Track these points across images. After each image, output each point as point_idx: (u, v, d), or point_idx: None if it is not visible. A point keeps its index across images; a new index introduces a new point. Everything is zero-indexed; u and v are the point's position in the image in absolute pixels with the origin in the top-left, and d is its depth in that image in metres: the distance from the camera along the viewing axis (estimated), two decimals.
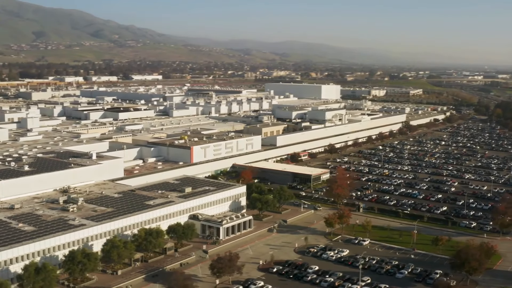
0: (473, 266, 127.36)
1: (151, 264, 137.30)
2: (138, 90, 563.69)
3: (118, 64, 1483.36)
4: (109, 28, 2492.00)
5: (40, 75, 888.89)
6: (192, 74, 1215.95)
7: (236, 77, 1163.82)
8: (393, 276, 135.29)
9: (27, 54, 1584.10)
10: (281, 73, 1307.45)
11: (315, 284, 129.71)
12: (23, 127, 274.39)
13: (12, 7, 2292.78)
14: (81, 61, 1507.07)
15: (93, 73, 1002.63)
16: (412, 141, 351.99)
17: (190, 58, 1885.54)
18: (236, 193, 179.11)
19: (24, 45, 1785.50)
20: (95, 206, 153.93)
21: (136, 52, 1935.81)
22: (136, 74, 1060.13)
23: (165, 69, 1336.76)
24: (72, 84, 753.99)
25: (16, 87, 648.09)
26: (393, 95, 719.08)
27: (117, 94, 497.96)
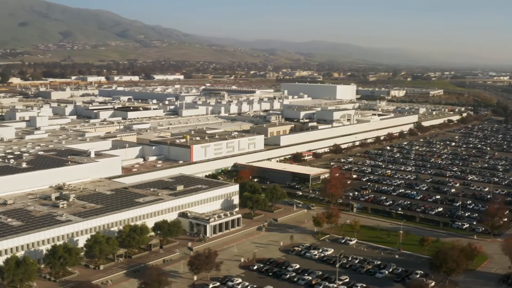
0: (451, 267, 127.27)
1: (135, 260, 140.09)
2: (155, 90, 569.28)
3: (142, 64, 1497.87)
4: (135, 28, 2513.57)
5: (63, 75, 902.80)
6: (214, 74, 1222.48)
7: (257, 77, 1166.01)
8: (373, 275, 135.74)
9: (54, 54, 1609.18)
10: (303, 73, 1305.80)
11: (293, 282, 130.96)
12: (32, 126, 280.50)
13: (40, 7, 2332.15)
14: (106, 61, 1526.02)
15: (116, 73, 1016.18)
16: (421, 141, 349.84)
17: (214, 58, 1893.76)
18: (228, 192, 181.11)
19: (51, 45, 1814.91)
20: (86, 202, 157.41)
21: (161, 52, 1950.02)
22: (158, 74, 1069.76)
23: (188, 69, 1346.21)
24: (92, 83, 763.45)
25: (36, 86, 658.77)
26: (412, 96, 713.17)
27: (133, 94, 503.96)
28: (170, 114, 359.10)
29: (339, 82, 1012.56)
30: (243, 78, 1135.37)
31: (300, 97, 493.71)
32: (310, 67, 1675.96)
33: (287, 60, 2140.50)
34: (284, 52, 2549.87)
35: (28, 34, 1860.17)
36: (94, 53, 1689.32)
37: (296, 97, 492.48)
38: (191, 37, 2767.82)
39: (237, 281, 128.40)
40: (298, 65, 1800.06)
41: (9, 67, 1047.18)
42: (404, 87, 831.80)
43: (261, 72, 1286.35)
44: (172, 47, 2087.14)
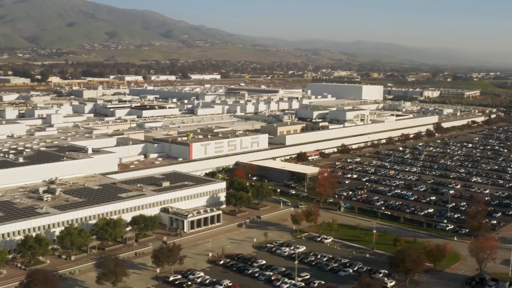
0: (408, 267, 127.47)
1: (107, 252, 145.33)
2: (184, 89, 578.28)
3: (184, 64, 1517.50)
4: (179, 28, 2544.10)
5: (102, 74, 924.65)
6: (252, 73, 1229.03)
7: (295, 77, 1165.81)
8: (336, 273, 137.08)
9: (98, 54, 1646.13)
10: (342, 73, 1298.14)
11: (254, 277, 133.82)
12: (47, 123, 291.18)
13: (87, 8, 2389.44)
14: (148, 60, 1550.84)
15: (153, 72, 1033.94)
16: (438, 143, 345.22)
17: (255, 58, 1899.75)
18: (214, 189, 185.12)
19: (97, 45, 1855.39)
20: (70, 196, 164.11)
21: (203, 52, 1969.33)
22: (195, 73, 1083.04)
23: (228, 68, 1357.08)
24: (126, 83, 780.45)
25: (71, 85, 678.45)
26: (446, 96, 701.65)
27: (161, 93, 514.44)
28: (187, 113, 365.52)
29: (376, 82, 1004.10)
30: (280, 78, 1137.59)
31: (324, 97, 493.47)
32: (351, 67, 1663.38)
33: (329, 60, 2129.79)
34: (328, 52, 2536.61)
35: (75, 34, 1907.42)
36: (137, 53, 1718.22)
37: (320, 97, 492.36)
38: (235, 37, 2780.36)
39: (199, 275, 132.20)
40: (339, 65, 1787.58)
41: (52, 66, 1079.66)
42: (441, 87, 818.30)
43: (299, 72, 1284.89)
44: (214, 47, 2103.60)
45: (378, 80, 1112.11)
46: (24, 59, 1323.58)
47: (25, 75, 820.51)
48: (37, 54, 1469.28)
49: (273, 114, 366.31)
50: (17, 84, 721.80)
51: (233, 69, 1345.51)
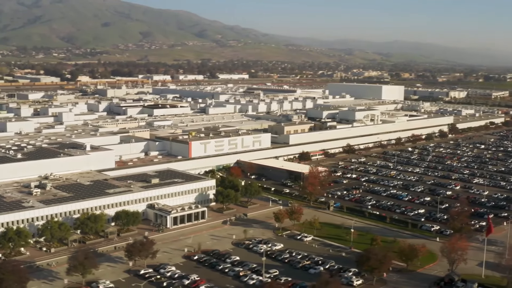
0: (373, 265, 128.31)
1: (88, 245, 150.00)
2: (205, 89, 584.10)
3: (215, 64, 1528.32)
4: (213, 28, 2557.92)
5: (131, 74, 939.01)
6: (282, 73, 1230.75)
7: (324, 77, 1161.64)
8: (306, 271, 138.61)
9: (131, 54, 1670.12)
10: (373, 73, 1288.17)
11: (224, 273, 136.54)
12: (58, 121, 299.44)
13: (123, 8, 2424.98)
14: (180, 60, 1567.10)
15: (182, 72, 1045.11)
16: (450, 143, 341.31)
17: (287, 58, 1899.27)
18: (203, 186, 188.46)
19: (131, 45, 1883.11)
20: (59, 191, 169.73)
21: (235, 52, 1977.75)
22: (224, 73, 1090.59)
23: (258, 68, 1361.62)
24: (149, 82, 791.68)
25: (95, 84, 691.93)
26: (472, 97, 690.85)
27: (182, 92, 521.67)
28: (198, 112, 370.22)
29: (406, 82, 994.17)
30: (308, 78, 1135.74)
31: (342, 97, 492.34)
32: (383, 68, 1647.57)
33: (362, 60, 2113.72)
34: (362, 52, 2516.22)
35: (110, 34, 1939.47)
36: (170, 53, 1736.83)
37: (338, 97, 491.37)
38: (269, 37, 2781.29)
39: (170, 269, 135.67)
40: (372, 65, 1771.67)
41: (85, 66, 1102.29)
42: (470, 88, 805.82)
43: (328, 72, 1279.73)
44: (247, 47, 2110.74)
45: (408, 80, 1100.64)
46: (59, 59, 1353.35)
47: (55, 74, 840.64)
48: (72, 54, 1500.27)
49: (284, 113, 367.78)
50: (46, 83, 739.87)
51: (263, 69, 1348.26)
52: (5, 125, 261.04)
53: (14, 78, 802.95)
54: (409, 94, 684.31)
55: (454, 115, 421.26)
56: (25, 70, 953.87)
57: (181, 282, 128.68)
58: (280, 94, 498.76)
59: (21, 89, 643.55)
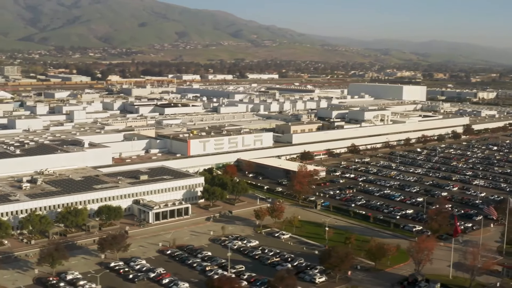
0: (333, 263, 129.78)
1: (68, 238, 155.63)
2: (228, 89, 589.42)
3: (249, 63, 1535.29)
4: (249, 28, 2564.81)
5: (161, 73, 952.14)
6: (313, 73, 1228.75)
7: (355, 77, 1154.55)
8: (274, 267, 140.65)
9: (166, 53, 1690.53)
10: (406, 73, 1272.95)
11: (192, 267, 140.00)
12: (70, 119, 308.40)
13: (160, 9, 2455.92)
14: (214, 60, 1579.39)
15: (211, 72, 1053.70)
16: (462, 144, 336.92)
17: (322, 58, 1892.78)
18: (191, 183, 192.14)
19: (167, 45, 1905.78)
20: (49, 186, 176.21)
21: (270, 52, 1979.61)
22: (254, 73, 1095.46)
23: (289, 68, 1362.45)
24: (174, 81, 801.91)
25: (121, 84, 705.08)
26: (501, 98, 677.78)
27: (202, 91, 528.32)
28: (209, 111, 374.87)
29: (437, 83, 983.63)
30: (339, 78, 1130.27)
31: (361, 97, 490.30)
32: (418, 68, 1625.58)
33: (398, 60, 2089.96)
34: (399, 52, 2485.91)
35: (146, 34, 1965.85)
36: (204, 53, 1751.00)
37: (357, 97, 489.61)
38: (305, 37, 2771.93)
39: (139, 262, 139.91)
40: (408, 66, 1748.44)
41: (118, 65, 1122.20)
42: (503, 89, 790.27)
43: (360, 73, 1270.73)
44: (281, 47, 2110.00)
45: (441, 80, 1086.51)
46: (95, 58, 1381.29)
47: (87, 74, 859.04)
48: (107, 54, 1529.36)
49: (296, 113, 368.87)
50: (77, 82, 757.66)
51: (295, 69, 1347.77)
52: (14, 122, 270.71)
53: (47, 77, 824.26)
54: (436, 95, 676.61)
55: (472, 116, 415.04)
56: (59, 70, 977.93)
57: (146, 275, 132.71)
58: (297, 94, 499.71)
59: (51, 87, 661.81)
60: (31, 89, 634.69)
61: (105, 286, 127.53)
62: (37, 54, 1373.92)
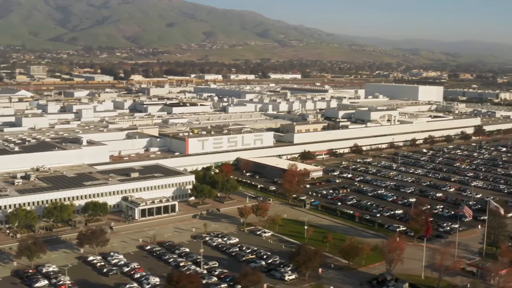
0: (300, 261, 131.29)
1: (53, 233, 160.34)
2: (244, 88, 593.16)
3: (274, 63, 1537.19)
4: (277, 28, 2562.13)
5: (183, 73, 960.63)
6: (337, 73, 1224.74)
7: (379, 77, 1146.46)
8: (248, 264, 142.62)
9: (192, 53, 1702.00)
10: (431, 74, 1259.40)
11: (167, 263, 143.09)
12: (78, 117, 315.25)
13: (188, 9, 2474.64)
14: (240, 60, 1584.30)
15: (234, 72, 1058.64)
16: (472, 146, 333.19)
17: (349, 58, 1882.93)
18: (182, 181, 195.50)
19: (193, 45, 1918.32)
20: (41, 182, 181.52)
21: (296, 52, 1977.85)
22: (278, 72, 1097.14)
23: (315, 68, 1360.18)
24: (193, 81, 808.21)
25: (140, 83, 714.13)
26: None
27: (217, 91, 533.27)
28: (218, 111, 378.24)
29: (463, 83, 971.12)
30: (362, 78, 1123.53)
31: (375, 97, 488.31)
32: (446, 68, 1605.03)
33: (427, 60, 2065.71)
34: (428, 52, 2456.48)
35: (174, 34, 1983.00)
36: (230, 53, 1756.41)
37: (371, 97, 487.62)
38: (333, 37, 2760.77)
39: (117, 257, 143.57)
40: (436, 66, 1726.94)
41: (142, 65, 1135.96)
42: None
43: (385, 73, 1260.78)
44: (308, 47, 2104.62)
45: (466, 81, 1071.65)
46: (121, 58, 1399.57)
47: (110, 73, 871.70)
48: (134, 54, 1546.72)
49: (303, 113, 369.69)
50: (99, 82, 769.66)
51: (320, 69, 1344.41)
52: (21, 120, 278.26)
53: (71, 76, 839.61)
54: (457, 95, 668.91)
55: (486, 117, 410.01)
56: (84, 69, 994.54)
57: (120, 269, 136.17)
58: (309, 94, 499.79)
59: (74, 87, 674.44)
60: (54, 88, 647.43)
61: (78, 279, 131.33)
62: (65, 54, 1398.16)
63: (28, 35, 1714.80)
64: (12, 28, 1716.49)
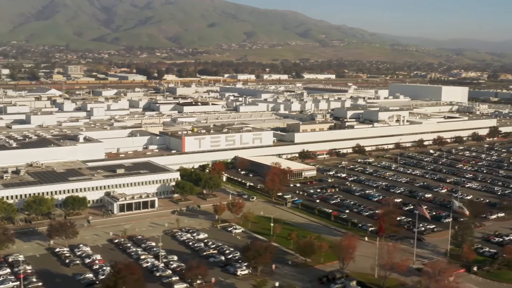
0: (249, 256, 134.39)
1: (31, 225, 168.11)
2: (269, 88, 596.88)
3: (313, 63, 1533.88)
4: (319, 28, 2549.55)
5: (216, 73, 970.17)
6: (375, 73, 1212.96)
7: (416, 78, 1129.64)
8: (207, 259, 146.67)
9: (232, 53, 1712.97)
10: (471, 74, 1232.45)
11: (130, 255, 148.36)
12: (89, 116, 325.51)
13: (230, 9, 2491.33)
14: (279, 59, 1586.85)
15: (267, 71, 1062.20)
16: (483, 147, 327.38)
17: (389, 58, 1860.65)
18: (166, 178, 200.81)
19: (234, 45, 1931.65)
20: (29, 177, 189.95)
21: (336, 52, 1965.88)
22: (311, 72, 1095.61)
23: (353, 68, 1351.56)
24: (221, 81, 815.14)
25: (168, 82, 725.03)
26: None
27: (241, 91, 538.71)
28: (231, 110, 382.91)
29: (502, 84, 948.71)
30: (398, 78, 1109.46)
31: (396, 98, 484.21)
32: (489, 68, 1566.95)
33: (470, 61, 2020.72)
34: (473, 52, 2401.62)
35: (215, 34, 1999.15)
36: (270, 53, 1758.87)
37: (391, 98, 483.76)
38: (376, 37, 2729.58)
39: (83, 249, 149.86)
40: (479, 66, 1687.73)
41: (179, 65, 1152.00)
42: None
43: (422, 73, 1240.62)
44: (349, 47, 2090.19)
45: (505, 81, 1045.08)
46: (161, 58, 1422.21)
47: (145, 73, 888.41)
48: (174, 53, 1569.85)
49: (312, 113, 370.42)
50: (132, 81, 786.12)
51: (357, 69, 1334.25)
52: (30, 118, 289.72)
53: (106, 76, 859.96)
54: (489, 96, 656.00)
55: (507, 118, 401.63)
56: (121, 69, 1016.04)
57: (82, 260, 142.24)
58: (326, 94, 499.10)
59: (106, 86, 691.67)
60: (86, 87, 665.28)
61: (40, 269, 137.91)
62: (107, 53, 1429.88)
63: (73, 36, 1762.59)
64: (57, 28, 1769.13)
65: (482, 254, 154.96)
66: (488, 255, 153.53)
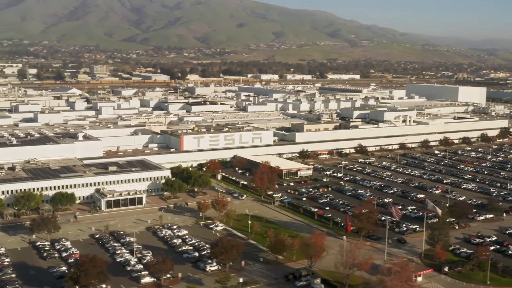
0: (216, 252, 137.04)
1: (20, 219, 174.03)
2: (287, 88, 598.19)
3: (341, 63, 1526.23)
4: (348, 28, 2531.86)
5: (240, 73, 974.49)
6: (402, 73, 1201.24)
7: (442, 78, 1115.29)
8: (181, 255, 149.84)
9: (259, 53, 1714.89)
10: (500, 75, 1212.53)
11: (107, 250, 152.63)
12: (98, 114, 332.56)
13: (260, 9, 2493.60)
14: (306, 60, 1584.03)
15: (291, 71, 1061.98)
16: (491, 148, 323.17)
17: (419, 58, 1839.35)
18: (157, 176, 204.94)
19: (262, 45, 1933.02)
20: (23, 173, 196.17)
21: (365, 52, 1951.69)
22: (336, 73, 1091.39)
23: (380, 68, 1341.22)
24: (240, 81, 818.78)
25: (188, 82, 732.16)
26: None
27: (258, 91, 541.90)
28: (239, 110, 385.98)
29: None
30: (424, 79, 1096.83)
31: (410, 98, 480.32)
32: None
33: (502, 61, 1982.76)
34: (506, 52, 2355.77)
35: (243, 34, 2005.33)
36: (298, 53, 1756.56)
37: (406, 98, 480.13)
38: (407, 36, 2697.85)
39: (63, 243, 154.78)
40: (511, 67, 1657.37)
41: (205, 65, 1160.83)
42: None
43: (449, 73, 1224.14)
44: (378, 47, 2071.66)
45: None
46: (188, 58, 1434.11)
47: (168, 73, 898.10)
48: (202, 54, 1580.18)
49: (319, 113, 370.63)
50: (154, 81, 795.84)
51: (384, 69, 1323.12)
52: (37, 116, 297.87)
53: (130, 76, 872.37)
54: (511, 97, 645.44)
55: None
56: (146, 69, 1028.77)
57: (59, 254, 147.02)
58: (338, 94, 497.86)
59: (128, 85, 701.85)
60: (108, 87, 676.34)
61: (19, 261, 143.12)
62: (135, 54, 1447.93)
63: (103, 36, 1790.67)
64: (88, 29, 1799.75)
65: (459, 255, 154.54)
66: (464, 256, 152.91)
